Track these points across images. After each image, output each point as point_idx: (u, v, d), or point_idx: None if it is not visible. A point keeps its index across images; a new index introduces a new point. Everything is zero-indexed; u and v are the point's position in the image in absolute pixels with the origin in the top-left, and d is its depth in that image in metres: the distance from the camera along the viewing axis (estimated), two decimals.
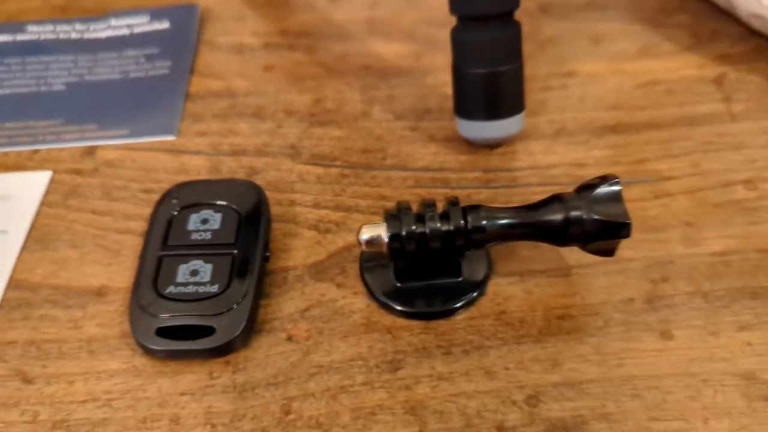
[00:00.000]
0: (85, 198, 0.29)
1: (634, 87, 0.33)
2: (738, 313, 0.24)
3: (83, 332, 0.24)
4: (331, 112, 0.32)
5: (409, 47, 0.35)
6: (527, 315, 0.24)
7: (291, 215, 0.28)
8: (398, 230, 0.22)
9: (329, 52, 0.35)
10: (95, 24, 0.37)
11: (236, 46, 0.36)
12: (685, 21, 0.36)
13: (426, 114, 0.32)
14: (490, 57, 0.27)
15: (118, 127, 0.31)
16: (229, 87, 0.33)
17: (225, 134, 0.31)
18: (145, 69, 0.34)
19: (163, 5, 0.38)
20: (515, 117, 0.28)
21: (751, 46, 0.34)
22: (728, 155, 0.29)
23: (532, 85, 0.33)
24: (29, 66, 0.35)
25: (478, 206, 0.23)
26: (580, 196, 0.23)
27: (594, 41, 0.35)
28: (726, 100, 0.32)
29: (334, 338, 0.24)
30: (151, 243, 0.25)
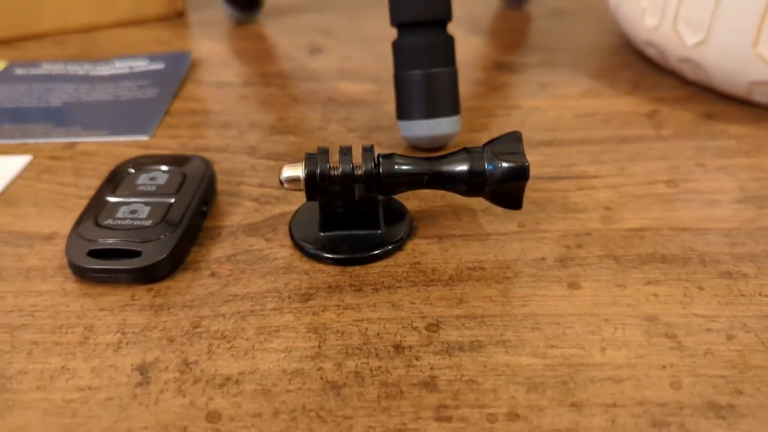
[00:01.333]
0: (56, 174, 0.31)
1: (572, 117, 0.35)
2: (647, 272, 0.25)
3: (24, 263, 0.26)
4: (291, 126, 0.35)
5: (371, 87, 0.39)
6: (440, 266, 0.25)
7: (237, 191, 0.30)
8: (314, 169, 0.24)
9: (300, 89, 0.39)
10: (101, 65, 0.42)
11: (218, 82, 0.40)
12: (628, 76, 0.40)
13: (376, 128, 0.35)
14: (425, 60, 0.30)
15: (101, 129, 0.35)
16: (204, 108, 0.37)
17: (193, 137, 0.34)
18: (134, 94, 0.38)
19: (163, 52, 0.43)
20: (451, 118, 0.31)
21: (684, 93, 0.38)
22: (654, 163, 0.31)
23: (478, 113, 0.36)
24: (35, 90, 0.39)
25: (392, 154, 0.25)
26: (484, 148, 0.25)
27: (541, 87, 0.39)
28: (657, 127, 0.34)
29: (254, 276, 0.25)
30: (101, 191, 0.27)
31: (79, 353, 0.22)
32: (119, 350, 0.22)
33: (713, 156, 0.32)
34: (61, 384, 0.21)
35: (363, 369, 0.21)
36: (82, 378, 0.21)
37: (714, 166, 0.31)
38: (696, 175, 0.30)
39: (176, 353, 0.22)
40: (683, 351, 0.22)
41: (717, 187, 0.29)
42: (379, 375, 0.21)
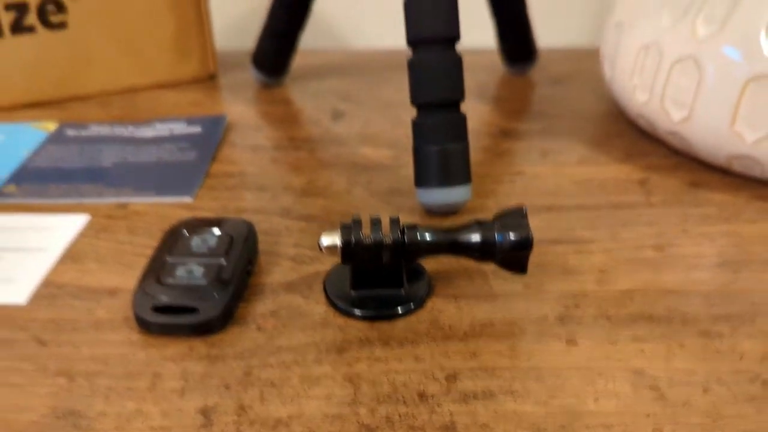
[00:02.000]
0: (113, 233, 0.35)
1: (570, 183, 0.40)
2: (635, 330, 0.29)
3: (94, 316, 0.30)
4: (320, 189, 0.39)
5: (390, 152, 0.43)
6: (456, 323, 0.29)
7: (275, 251, 0.34)
8: (349, 238, 0.28)
9: (326, 153, 0.43)
10: (144, 127, 0.46)
11: (252, 145, 0.44)
12: (622, 144, 0.44)
13: (396, 193, 0.39)
14: (441, 137, 0.35)
15: (148, 190, 0.39)
16: (241, 170, 0.41)
17: (232, 199, 0.38)
18: (176, 156, 0.43)
19: (200, 115, 0.47)
20: (462, 187, 0.35)
21: (673, 161, 0.42)
22: (643, 229, 0.35)
23: (485, 179, 0.40)
24: (86, 150, 0.43)
25: (415, 225, 0.29)
26: (493, 221, 0.29)
27: (543, 154, 0.43)
28: (647, 194, 0.38)
29: (295, 330, 0.29)
30: (160, 251, 0.31)
31: (149, 397, 0.26)
32: (183, 395, 0.26)
33: (697, 222, 0.36)
34: (137, 425, 0.24)
35: (393, 414, 0.25)
36: (154, 420, 0.25)
37: (697, 232, 0.35)
38: (681, 240, 0.34)
39: (233, 398, 0.25)
40: (665, 401, 0.25)
41: (699, 252, 0.33)
42: (406, 420, 0.25)
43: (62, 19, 0.48)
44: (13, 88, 0.49)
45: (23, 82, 0.49)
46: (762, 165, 0.38)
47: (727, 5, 0.36)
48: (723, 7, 0.36)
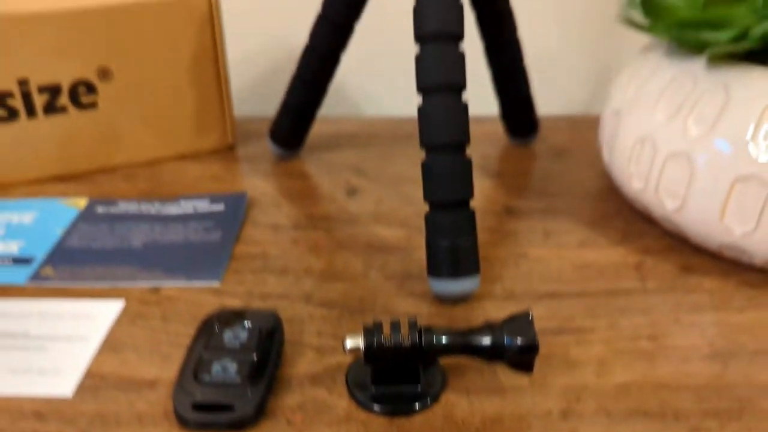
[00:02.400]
0: (147, 320, 0.38)
1: (571, 268, 0.42)
2: (632, 425, 0.31)
3: (136, 408, 0.32)
4: (338, 272, 0.42)
5: (402, 232, 0.46)
6: (468, 417, 0.32)
7: (299, 340, 0.37)
8: (372, 342, 0.31)
9: (342, 233, 0.46)
10: (169, 204, 0.49)
11: (272, 224, 0.47)
12: (618, 224, 0.47)
13: (409, 277, 0.42)
14: (452, 233, 0.38)
15: (178, 274, 0.42)
16: (264, 252, 0.44)
17: (257, 284, 0.41)
18: (202, 236, 0.45)
19: (222, 192, 0.50)
20: (471, 278, 0.38)
21: (667, 243, 0.45)
22: (639, 318, 0.38)
23: (492, 262, 0.43)
24: (116, 230, 0.46)
25: (430, 327, 0.32)
26: (502, 324, 0.32)
27: (545, 235, 0.46)
28: (642, 279, 0.41)
29: (321, 425, 0.31)
30: (195, 346, 0.34)
31: None
32: None
33: (689, 311, 0.39)
34: None
35: None
36: None
37: (689, 321, 0.38)
38: (673, 330, 0.37)
39: None
40: None
41: (690, 343, 0.36)
42: None
43: (92, 100, 0.51)
44: (45, 163, 0.52)
45: (54, 157, 0.52)
46: (750, 254, 0.40)
47: (717, 108, 0.39)
48: (713, 110, 0.40)
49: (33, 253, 0.44)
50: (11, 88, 0.49)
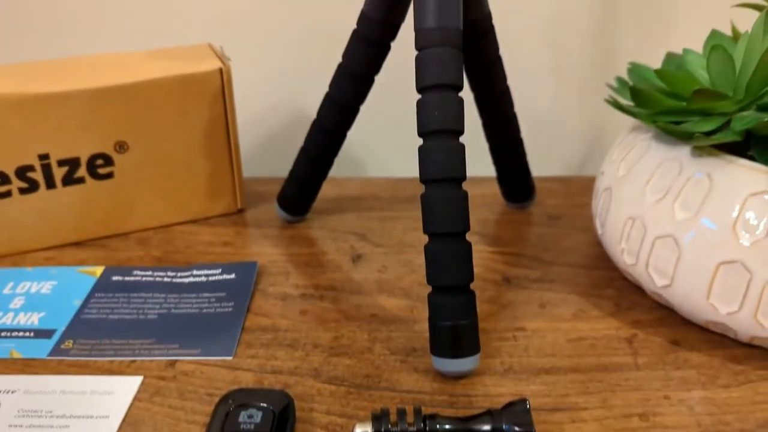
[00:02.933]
0: (165, 397, 0.40)
1: (566, 341, 0.45)
2: None
3: None
4: (345, 347, 0.44)
5: (405, 302, 0.48)
6: None
7: (310, 418, 0.39)
8: (380, 429, 0.33)
9: (348, 303, 0.48)
10: (182, 272, 0.51)
11: (281, 294, 0.49)
12: (611, 294, 0.49)
13: (413, 351, 0.44)
14: (454, 315, 0.40)
15: (193, 347, 0.44)
16: (274, 324, 0.46)
17: (268, 358, 0.43)
18: (214, 307, 0.48)
19: (232, 261, 0.53)
20: (472, 357, 0.40)
21: (657, 315, 0.47)
22: (630, 395, 0.40)
23: (491, 335, 0.45)
24: (133, 300, 0.48)
25: (435, 414, 0.34)
26: (501, 411, 0.34)
27: (541, 306, 0.48)
28: (634, 354, 0.44)
29: None
30: (212, 428, 0.36)
31: None
32: None
33: (677, 388, 0.41)
34: None
35: None
36: None
37: (677, 398, 0.40)
38: (662, 408, 0.39)
39: None
40: None
41: (678, 422, 0.38)
42: None
43: (109, 171, 0.54)
44: (61, 231, 0.54)
45: (71, 226, 0.54)
46: (734, 331, 0.43)
47: (701, 195, 0.42)
48: (697, 196, 0.42)
49: (53, 326, 0.46)
50: (33, 162, 0.51)
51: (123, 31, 0.68)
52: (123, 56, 0.56)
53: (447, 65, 0.40)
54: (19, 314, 0.47)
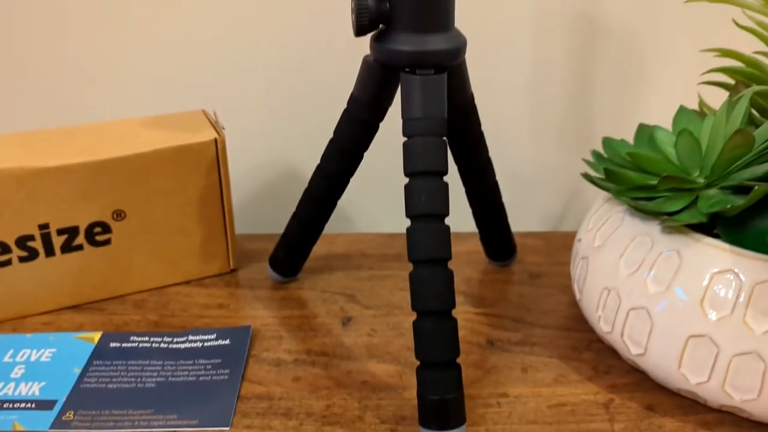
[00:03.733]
0: None
1: (547, 407, 0.47)
2: None
3: None
4: (337, 415, 0.46)
5: (395, 368, 0.51)
6: None
7: None
8: None
9: (339, 369, 0.50)
10: (178, 338, 0.53)
11: (275, 359, 0.51)
12: (589, 357, 0.52)
13: (402, 420, 0.46)
14: (440, 389, 0.42)
15: (191, 417, 0.46)
16: (268, 392, 0.48)
17: (264, 428, 0.45)
18: (210, 375, 0.50)
19: (226, 326, 0.55)
20: (459, 428, 0.43)
21: (632, 379, 0.50)
22: None
23: (477, 401, 0.47)
24: (131, 367, 0.50)
25: None
26: None
27: (523, 370, 0.51)
28: (611, 420, 0.46)
29: None
30: None
31: None
32: None
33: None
34: None
35: None
36: None
37: None
38: None
39: None
40: None
41: None
42: None
43: (107, 237, 0.55)
44: (59, 296, 0.56)
45: (68, 291, 0.56)
46: (704, 399, 0.45)
47: (672, 271, 0.45)
48: (668, 272, 0.45)
49: (54, 396, 0.47)
50: (33, 232, 0.53)
51: (118, 94, 0.70)
52: (120, 125, 0.58)
53: (432, 153, 0.43)
54: (20, 384, 0.48)
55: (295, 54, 0.69)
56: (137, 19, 0.67)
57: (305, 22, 0.68)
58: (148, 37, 0.68)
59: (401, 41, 0.43)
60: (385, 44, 0.44)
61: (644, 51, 0.69)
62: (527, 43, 0.69)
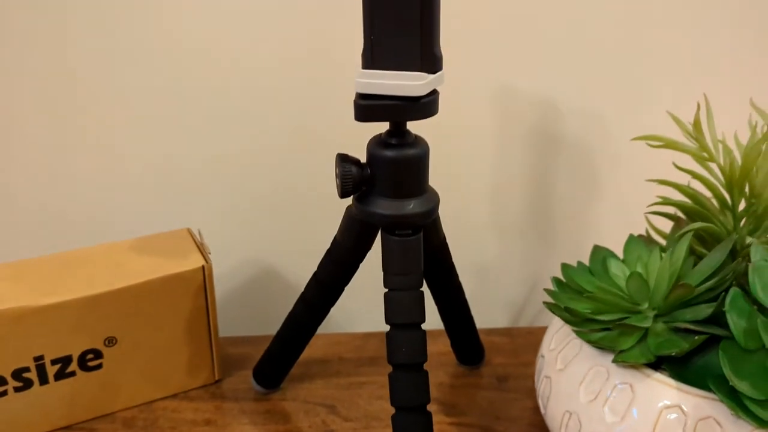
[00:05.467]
0: None
1: None
2: None
3: None
4: None
5: None
6: None
7: None
8: None
9: None
10: None
11: None
12: None
13: None
14: None
15: None
16: None
17: None
18: None
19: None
20: None
21: None
22: None
23: None
24: None
25: None
26: None
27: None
28: None
29: None
30: None
31: None
32: None
33: None
34: None
35: None
36: None
37: None
38: None
39: None
40: None
41: None
42: None
43: (99, 362, 0.58)
44: (52, 418, 0.58)
45: (60, 414, 0.58)
46: None
47: (626, 403, 0.50)
48: (622, 403, 0.50)
49: None
50: (28, 364, 0.55)
51: (109, 216, 0.73)
52: (109, 250, 0.61)
53: (412, 307, 0.47)
54: None
55: (271, 154, 0.72)
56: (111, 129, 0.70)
57: (280, 122, 0.71)
58: (128, 150, 0.71)
59: (381, 205, 0.47)
60: (367, 206, 0.48)
61: (598, 166, 0.75)
62: (489, 150, 0.74)
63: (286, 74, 0.68)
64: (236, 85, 0.69)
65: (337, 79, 0.67)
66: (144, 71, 0.67)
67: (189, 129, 0.70)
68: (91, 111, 0.69)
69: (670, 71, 0.71)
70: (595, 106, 0.72)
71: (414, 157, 0.46)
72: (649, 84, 0.71)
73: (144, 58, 0.67)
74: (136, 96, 0.68)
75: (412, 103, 0.43)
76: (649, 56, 0.70)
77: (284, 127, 0.70)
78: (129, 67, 0.67)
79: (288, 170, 0.73)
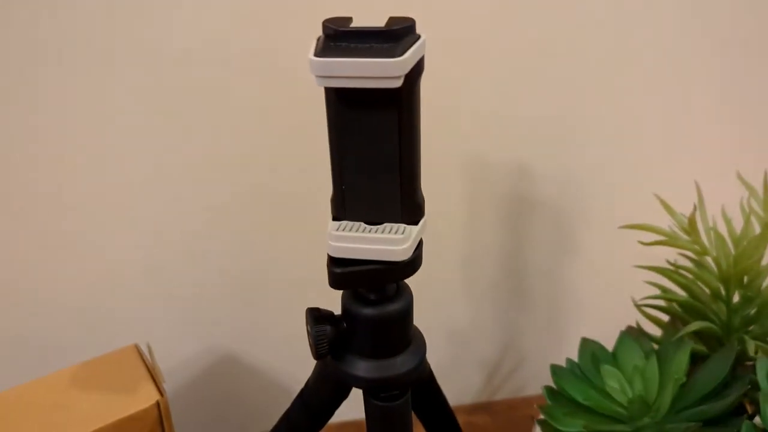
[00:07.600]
0: None
1: None
2: None
3: None
4: None
5: None
6: None
7: None
8: None
9: None
10: None
11: None
12: None
13: None
14: None
15: None
16: None
17: None
18: None
19: None
20: None
21: None
22: None
23: None
24: None
25: None
26: None
27: None
28: None
29: None
30: None
31: None
32: None
33: None
34: None
35: None
36: None
37: None
38: None
39: None
40: None
41: None
42: None
43: None
44: None
45: None
46: None
47: None
48: None
49: None
50: None
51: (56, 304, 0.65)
52: (48, 388, 0.54)
53: None
54: None
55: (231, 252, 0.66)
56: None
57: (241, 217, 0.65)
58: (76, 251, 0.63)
59: (361, 367, 0.40)
60: (344, 366, 0.40)
61: (573, 227, 0.71)
62: (462, 217, 0.69)
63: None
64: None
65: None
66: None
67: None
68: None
69: (645, 136, 0.67)
70: (568, 166, 0.68)
71: (397, 313, 0.40)
72: (620, 146, 0.68)
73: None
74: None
75: (395, 264, 0.37)
76: (628, 119, 0.66)
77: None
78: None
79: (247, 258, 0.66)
